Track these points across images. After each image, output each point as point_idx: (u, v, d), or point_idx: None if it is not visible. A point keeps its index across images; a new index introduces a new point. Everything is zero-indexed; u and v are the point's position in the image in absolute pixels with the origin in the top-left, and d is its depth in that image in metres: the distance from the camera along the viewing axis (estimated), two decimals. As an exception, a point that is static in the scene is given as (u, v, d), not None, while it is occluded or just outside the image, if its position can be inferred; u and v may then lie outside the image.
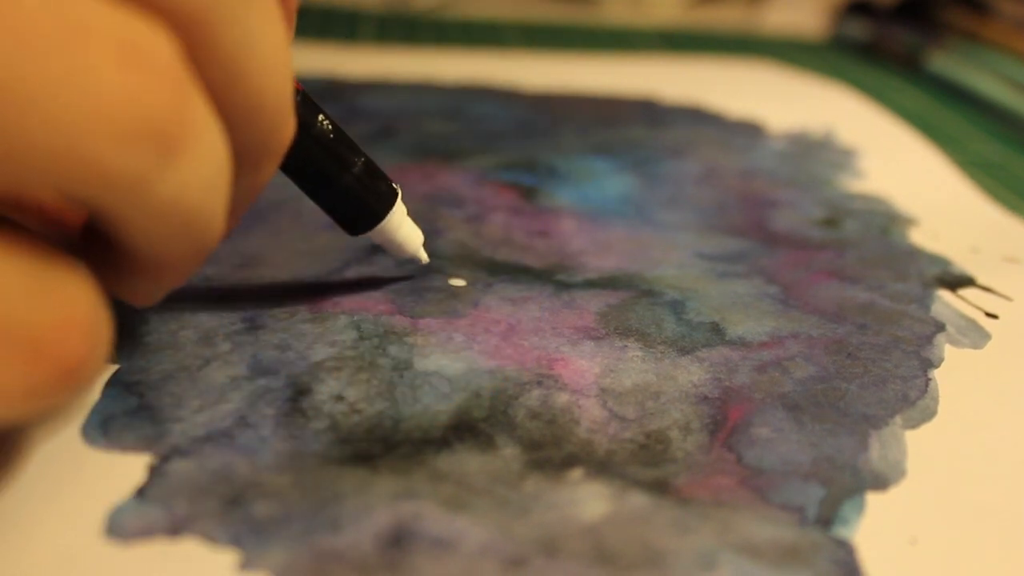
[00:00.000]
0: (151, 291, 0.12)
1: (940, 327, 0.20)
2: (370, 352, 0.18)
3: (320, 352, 0.18)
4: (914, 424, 0.17)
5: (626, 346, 0.19)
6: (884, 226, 0.26)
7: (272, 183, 0.24)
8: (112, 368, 0.17)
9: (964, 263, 0.24)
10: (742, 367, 0.18)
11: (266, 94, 0.12)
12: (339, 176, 0.18)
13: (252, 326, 0.18)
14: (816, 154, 0.31)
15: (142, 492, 0.14)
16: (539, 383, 0.17)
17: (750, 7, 0.50)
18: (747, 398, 0.17)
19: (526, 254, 0.22)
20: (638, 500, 0.15)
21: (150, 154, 0.10)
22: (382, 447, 0.15)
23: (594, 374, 0.18)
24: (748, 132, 0.33)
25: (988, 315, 0.21)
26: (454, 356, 0.18)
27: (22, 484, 0.14)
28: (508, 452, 0.15)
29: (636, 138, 0.31)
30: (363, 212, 0.18)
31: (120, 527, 0.13)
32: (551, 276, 0.21)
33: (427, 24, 0.44)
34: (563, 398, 0.17)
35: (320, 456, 0.15)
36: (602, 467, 0.15)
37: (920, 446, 0.16)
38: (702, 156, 0.30)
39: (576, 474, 0.15)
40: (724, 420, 0.17)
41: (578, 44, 0.43)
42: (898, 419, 0.17)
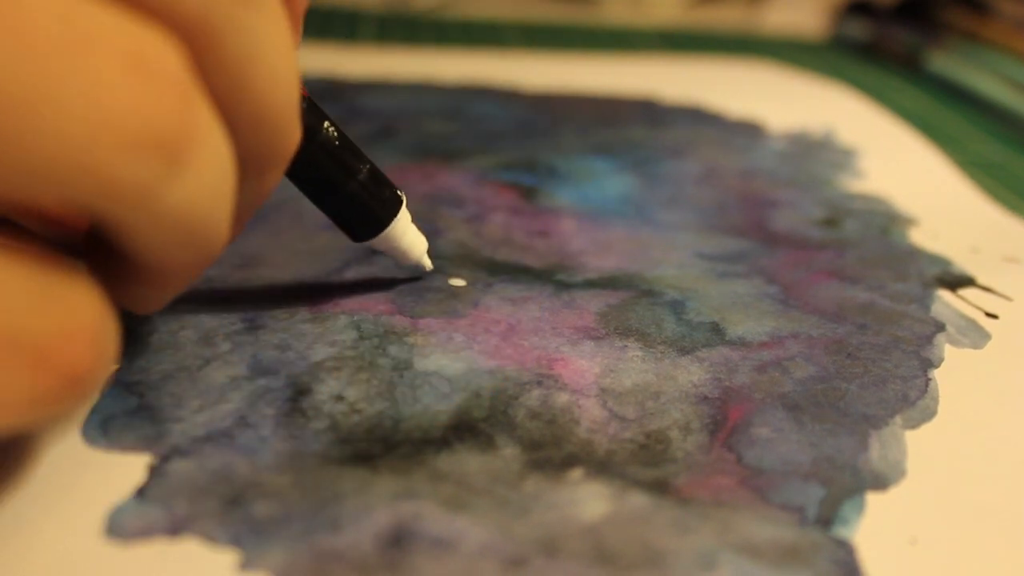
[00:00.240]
0: (153, 299, 0.12)
1: (940, 327, 0.20)
2: (370, 352, 0.18)
3: (320, 352, 0.18)
4: (914, 424, 0.17)
5: (626, 346, 0.19)
6: (884, 226, 0.26)
7: (272, 183, 0.24)
8: (112, 368, 0.17)
9: (964, 263, 0.24)
10: (742, 367, 0.18)
11: (272, 102, 0.12)
12: (344, 183, 0.18)
13: (252, 326, 0.18)
14: (816, 154, 0.31)
15: (142, 492, 0.14)
16: (539, 383, 0.17)
17: (750, 7, 0.50)
18: (747, 398, 0.17)
19: (526, 254, 0.22)
20: (638, 500, 0.15)
21: (156, 164, 0.10)
22: (382, 447, 0.15)
23: (594, 374, 0.18)
24: (748, 132, 0.33)
25: (988, 315, 0.21)
26: (454, 356, 0.18)
27: (22, 484, 0.14)
28: (508, 452, 0.15)
29: (636, 138, 0.31)
30: (367, 219, 0.18)
31: (120, 527, 0.13)
32: (551, 276, 0.21)
33: (427, 24, 0.44)
34: (563, 398, 0.17)
35: (320, 456, 0.15)
36: (602, 467, 0.15)
37: (920, 446, 0.16)
38: (702, 156, 0.30)
39: (576, 474, 0.15)
40: (724, 420, 0.17)
41: (578, 44, 0.43)
42: (898, 419, 0.17)
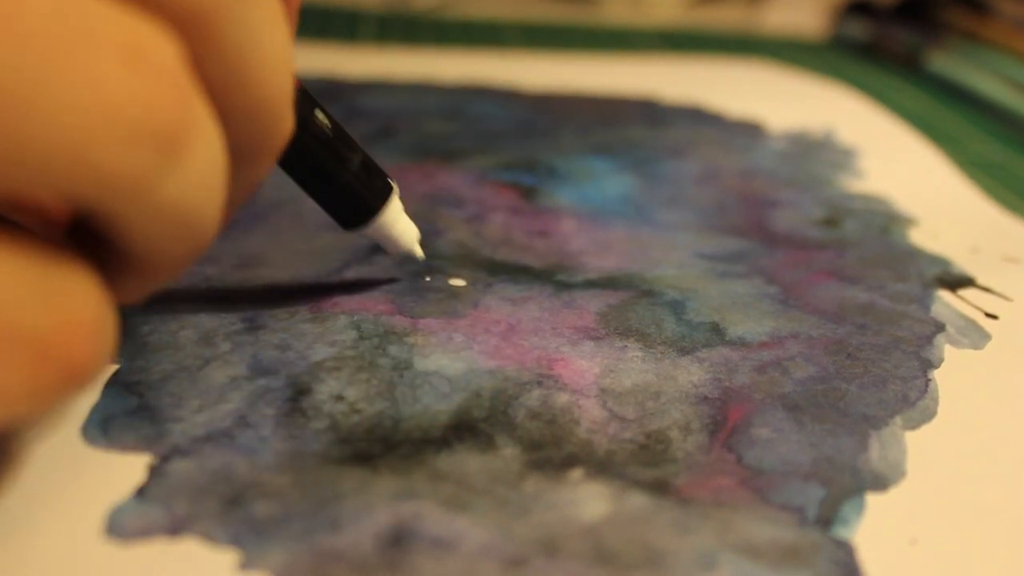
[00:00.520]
0: (140, 290, 0.12)
1: (940, 327, 0.20)
2: (370, 352, 0.18)
3: (320, 352, 0.18)
4: (914, 425, 0.17)
5: (626, 346, 0.19)
6: (884, 226, 0.26)
7: (273, 183, 0.24)
8: (112, 368, 0.17)
9: (964, 263, 0.24)
10: (742, 367, 0.18)
11: (267, 91, 0.12)
12: (335, 171, 0.17)
13: (252, 326, 0.18)
14: (816, 154, 0.31)
15: (142, 492, 0.14)
16: (539, 383, 0.17)
17: (750, 7, 0.50)
18: (747, 398, 0.17)
19: (526, 254, 0.22)
20: (638, 500, 0.15)
21: (153, 156, 0.10)
22: (382, 447, 0.15)
23: (594, 374, 0.18)
24: (748, 132, 0.33)
25: (988, 315, 0.21)
26: (454, 356, 0.18)
27: (22, 484, 0.14)
28: (508, 452, 0.15)
29: (636, 138, 0.31)
30: (358, 207, 0.18)
31: (120, 527, 0.13)
32: (551, 276, 0.21)
33: (427, 24, 0.44)
34: (563, 398, 0.17)
35: (320, 456, 0.15)
36: (602, 467, 0.15)
37: (920, 446, 0.16)
38: (702, 156, 0.30)
39: (576, 474, 0.15)
40: (724, 420, 0.17)
41: (578, 44, 0.43)
42: (898, 419, 0.17)
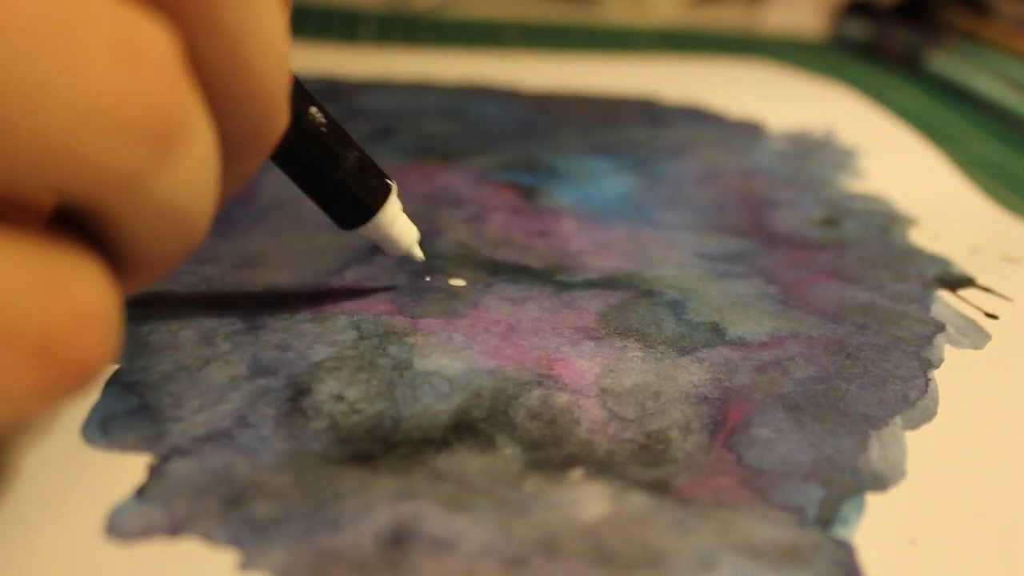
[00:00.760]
0: (131, 287, 0.12)
1: (940, 327, 0.20)
2: (370, 352, 0.18)
3: (320, 352, 0.18)
4: (914, 425, 0.17)
5: (626, 346, 0.19)
6: (884, 226, 0.26)
7: (274, 183, 0.24)
8: (112, 368, 0.17)
9: (964, 263, 0.24)
10: (742, 367, 0.18)
11: (262, 82, 0.12)
12: (331, 169, 0.17)
13: (252, 326, 0.18)
14: (816, 154, 0.31)
15: (142, 492, 0.14)
16: (539, 383, 0.17)
17: (750, 7, 0.50)
18: (747, 398, 0.17)
19: (526, 254, 0.22)
20: (638, 500, 0.15)
21: (146, 152, 0.10)
22: (382, 447, 0.15)
23: (594, 374, 0.18)
24: (748, 132, 0.33)
25: (988, 315, 0.21)
26: (454, 356, 0.18)
27: (22, 484, 0.14)
28: (508, 452, 0.15)
29: (636, 138, 0.31)
30: (355, 206, 0.18)
31: (120, 527, 0.13)
32: (551, 276, 0.21)
33: (427, 24, 0.44)
34: (563, 398, 0.17)
35: (320, 456, 0.15)
36: (602, 467, 0.15)
37: (920, 446, 0.16)
38: (702, 156, 0.30)
39: (576, 474, 0.15)
40: (724, 420, 0.17)
41: (578, 44, 0.43)
42: (898, 419, 0.17)
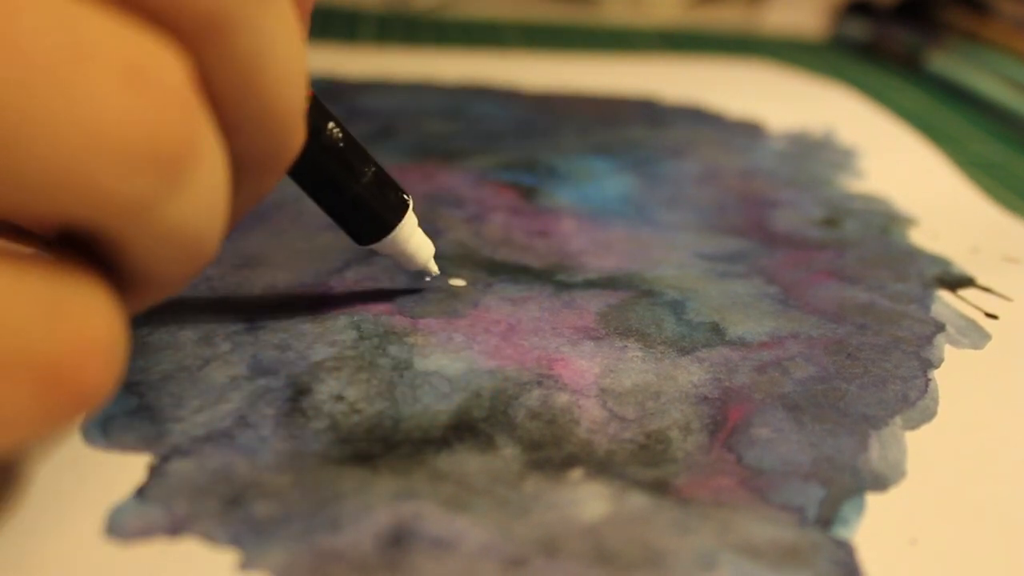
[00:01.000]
0: (138, 306, 0.12)
1: (940, 327, 0.20)
2: (370, 352, 0.18)
3: (320, 352, 0.18)
4: (914, 425, 0.17)
5: (626, 346, 0.19)
6: (884, 226, 0.26)
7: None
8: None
9: (964, 263, 0.24)
10: (742, 367, 0.18)
11: (277, 104, 0.12)
12: (348, 185, 0.17)
13: (252, 326, 0.18)
14: (816, 154, 0.31)
15: (142, 492, 0.14)
16: (539, 383, 0.17)
17: (750, 7, 0.50)
18: (747, 398, 0.17)
19: (526, 254, 0.22)
20: (638, 500, 0.15)
21: (155, 179, 0.09)
22: (382, 447, 0.15)
23: (594, 374, 0.18)
24: (748, 132, 0.33)
25: (988, 315, 0.21)
26: (454, 356, 0.18)
27: (22, 484, 0.14)
28: (508, 452, 0.15)
29: (636, 138, 0.31)
30: (373, 222, 0.18)
31: (120, 527, 0.13)
32: (551, 276, 0.21)
33: (427, 24, 0.44)
34: (563, 398, 0.17)
35: (320, 456, 0.15)
36: (602, 467, 0.15)
37: (920, 446, 0.16)
38: (702, 156, 0.30)
39: (576, 474, 0.15)
40: (724, 420, 0.17)
41: (578, 44, 0.43)
42: (898, 419, 0.17)
